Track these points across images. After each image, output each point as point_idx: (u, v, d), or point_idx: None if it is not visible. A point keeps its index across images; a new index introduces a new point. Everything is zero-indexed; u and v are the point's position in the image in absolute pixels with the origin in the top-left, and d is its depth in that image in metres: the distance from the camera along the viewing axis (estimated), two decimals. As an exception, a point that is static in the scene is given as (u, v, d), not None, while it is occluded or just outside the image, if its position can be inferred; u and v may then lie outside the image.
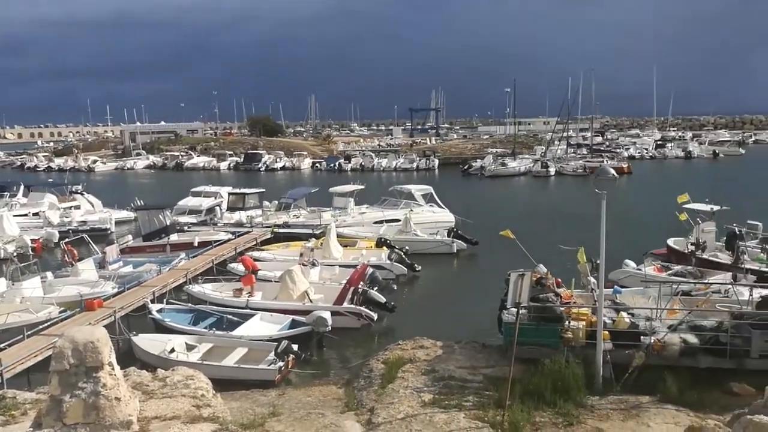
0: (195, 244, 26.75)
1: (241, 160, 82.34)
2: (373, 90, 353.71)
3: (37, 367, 14.05)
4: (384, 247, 25.48)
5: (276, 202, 34.61)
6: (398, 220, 30.04)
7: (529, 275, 13.19)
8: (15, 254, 25.50)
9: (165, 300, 19.29)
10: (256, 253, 25.45)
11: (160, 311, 17.99)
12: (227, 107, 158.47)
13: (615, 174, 11.33)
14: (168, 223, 28.45)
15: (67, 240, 24.36)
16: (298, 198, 34.29)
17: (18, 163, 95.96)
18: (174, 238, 27.79)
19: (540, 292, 12.33)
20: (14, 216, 33.14)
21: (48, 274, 21.24)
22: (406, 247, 25.53)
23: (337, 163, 76.01)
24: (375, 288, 19.11)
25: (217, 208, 34.22)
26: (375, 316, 18.13)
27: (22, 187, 42.84)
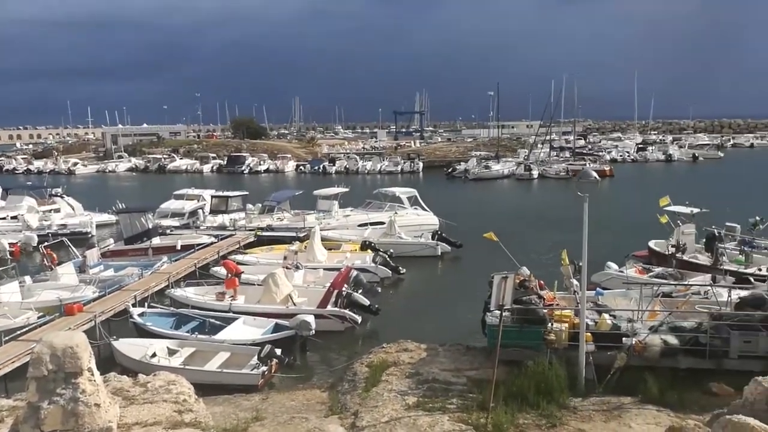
0: (178, 248, 26.53)
1: (225, 162, 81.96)
2: (358, 93, 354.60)
3: (15, 373, 13.84)
4: (368, 250, 25.48)
5: (260, 205, 34.46)
6: (383, 223, 30.06)
7: (513, 277, 13.28)
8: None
9: (147, 304, 19.09)
10: (239, 257, 25.32)
11: (141, 315, 17.79)
12: (210, 109, 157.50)
13: (597, 177, 11.44)
14: (150, 227, 28.19)
15: (46, 244, 23.99)
16: (281, 201, 34.16)
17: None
18: (156, 241, 27.57)
19: (523, 295, 12.41)
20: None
21: (26, 278, 20.91)
22: (391, 250, 25.56)
23: (321, 166, 75.91)
24: (359, 291, 19.10)
25: (200, 211, 33.95)
26: (359, 319, 18.11)
27: (0, 189, 42.18)
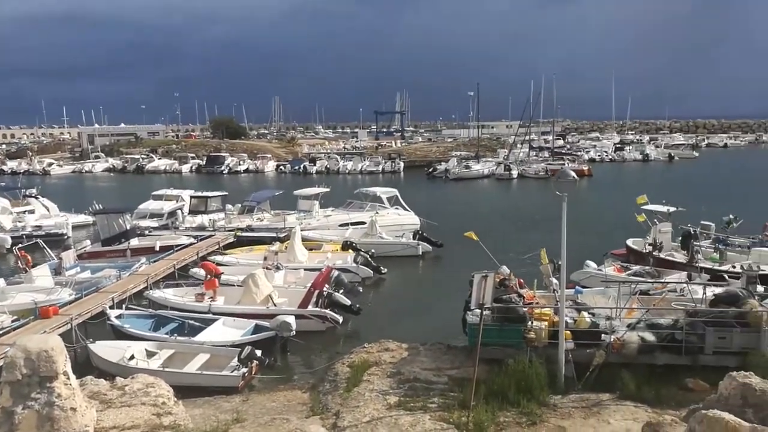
0: (156, 249, 26.19)
1: (204, 162, 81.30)
2: (338, 93, 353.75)
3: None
4: (350, 250, 25.43)
5: (239, 206, 34.15)
6: (364, 223, 30.04)
7: (493, 276, 13.36)
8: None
9: (125, 306, 18.81)
10: (219, 257, 25.10)
11: (119, 317, 17.53)
12: (189, 109, 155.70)
13: (575, 176, 11.56)
14: (128, 228, 27.84)
15: (20, 245, 23.56)
16: (261, 201, 33.93)
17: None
18: (134, 242, 27.19)
19: (503, 293, 12.50)
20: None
21: (0, 281, 20.49)
22: (372, 250, 25.55)
23: (301, 166, 75.62)
24: (340, 291, 19.05)
25: (179, 211, 33.57)
26: (340, 319, 18.07)
27: (-27, 191, 41.25)
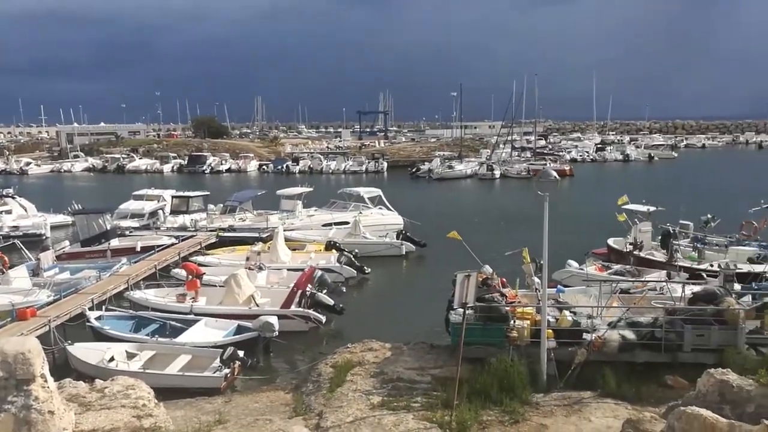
0: (137, 249, 25.90)
1: (185, 162, 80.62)
2: (321, 92, 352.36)
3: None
4: (333, 250, 25.38)
5: (221, 205, 33.91)
6: (347, 223, 29.99)
7: (475, 276, 13.41)
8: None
9: (104, 307, 18.55)
10: (200, 258, 24.88)
11: (98, 319, 17.29)
12: (171, 108, 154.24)
13: (557, 176, 11.67)
14: (108, 228, 27.47)
15: (-3, 246, 23.17)
16: (244, 201, 33.70)
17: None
18: (115, 243, 26.83)
19: (486, 293, 12.57)
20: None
21: (-24, 282, 20.11)
22: (356, 250, 25.51)
23: (284, 166, 75.32)
24: (324, 291, 19.00)
25: (160, 211, 33.22)
26: (323, 319, 18.02)
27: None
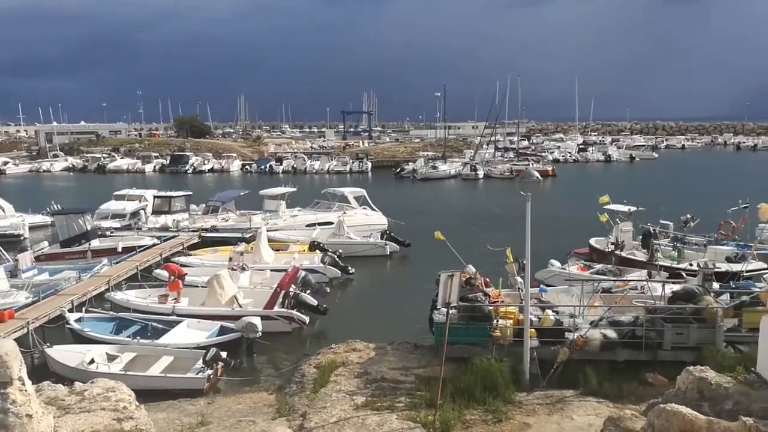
0: (119, 250, 25.58)
1: (167, 162, 79.84)
2: (305, 92, 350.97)
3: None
4: (317, 251, 25.29)
5: (204, 205, 33.65)
6: (331, 223, 29.90)
7: (459, 275, 13.48)
8: None
9: (84, 309, 18.31)
10: (183, 258, 24.66)
11: (78, 321, 17.04)
12: (152, 107, 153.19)
13: (539, 177, 11.73)
14: (89, 228, 27.07)
15: (-27, 247, 22.73)
16: (226, 201, 33.45)
17: None
18: (95, 243, 26.47)
19: (469, 292, 12.62)
20: None
21: (-48, 284, 19.72)
22: (340, 250, 25.45)
23: (268, 166, 74.97)
24: (308, 291, 18.93)
25: (142, 211, 32.89)
26: (307, 320, 17.95)
27: None
